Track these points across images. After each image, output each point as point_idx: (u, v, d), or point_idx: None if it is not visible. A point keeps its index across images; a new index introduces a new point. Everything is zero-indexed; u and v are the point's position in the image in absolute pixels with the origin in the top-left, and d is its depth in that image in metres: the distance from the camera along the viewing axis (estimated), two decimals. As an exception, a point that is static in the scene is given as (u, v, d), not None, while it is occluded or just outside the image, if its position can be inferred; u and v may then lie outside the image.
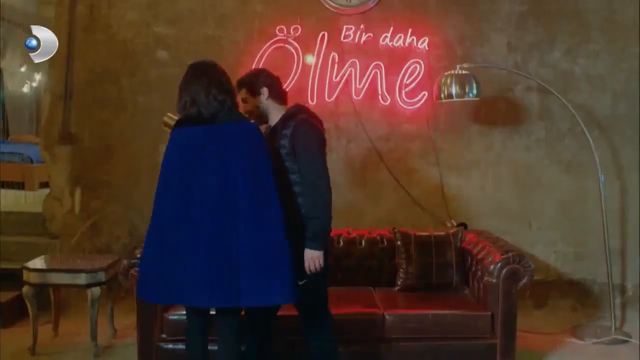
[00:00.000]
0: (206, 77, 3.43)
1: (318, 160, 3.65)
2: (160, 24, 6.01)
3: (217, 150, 3.30)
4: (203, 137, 3.33)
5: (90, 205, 6.04)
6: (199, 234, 3.23)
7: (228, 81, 3.49)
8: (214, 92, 3.38)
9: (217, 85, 3.41)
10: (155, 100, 5.92)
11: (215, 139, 3.32)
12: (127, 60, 6.01)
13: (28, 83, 14.73)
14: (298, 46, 5.85)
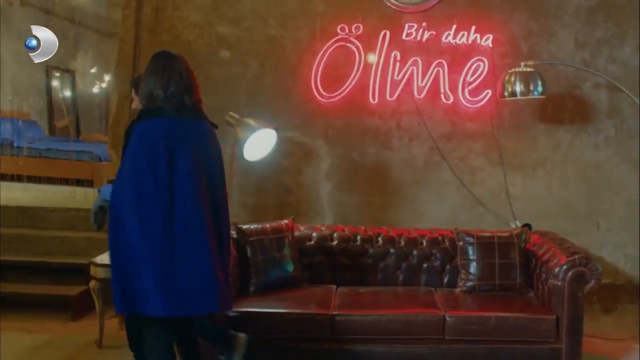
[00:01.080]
0: (166, 73, 3.35)
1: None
2: (223, 24, 6.08)
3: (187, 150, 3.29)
4: (169, 134, 3.27)
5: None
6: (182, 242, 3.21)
7: (189, 77, 3.42)
8: (171, 89, 3.32)
9: (176, 81, 3.35)
10: (218, 100, 5.96)
11: (182, 138, 3.28)
12: (191, 60, 5.89)
13: (98, 84, 15.13)
14: (359, 45, 5.82)
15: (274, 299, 4.45)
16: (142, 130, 3.29)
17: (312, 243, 5.02)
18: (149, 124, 3.29)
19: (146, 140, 3.24)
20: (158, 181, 3.19)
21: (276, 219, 5.22)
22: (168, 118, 3.28)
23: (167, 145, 3.23)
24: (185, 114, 3.32)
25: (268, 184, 6.03)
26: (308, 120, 5.97)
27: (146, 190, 3.19)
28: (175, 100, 3.31)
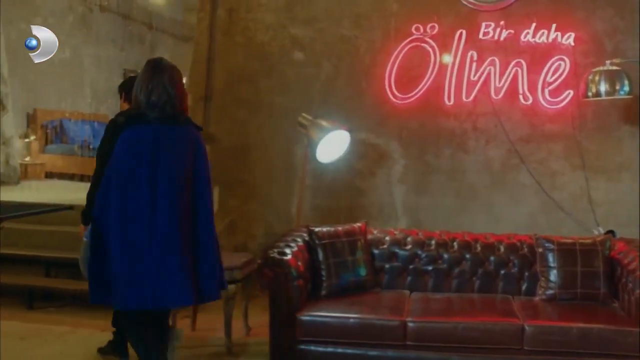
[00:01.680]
0: (151, 82, 3.42)
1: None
2: (296, 25, 6.06)
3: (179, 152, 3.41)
4: (151, 141, 3.37)
5: (228, 204, 6.18)
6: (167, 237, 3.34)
7: (173, 88, 3.44)
8: (153, 98, 3.40)
9: (159, 92, 3.41)
10: (291, 101, 5.98)
11: (163, 144, 3.38)
12: (264, 62, 6.11)
13: (173, 87, 15.45)
14: (435, 45, 5.70)
15: (345, 304, 4.36)
16: (125, 138, 3.40)
17: (385, 247, 4.91)
18: (132, 132, 3.41)
19: (129, 148, 3.38)
20: (140, 187, 3.34)
21: (349, 221, 5.14)
22: (151, 125, 3.40)
23: (149, 152, 3.37)
24: (167, 121, 3.42)
25: (341, 186, 5.97)
26: (382, 121, 5.88)
27: (130, 196, 3.34)
28: (157, 110, 3.41)
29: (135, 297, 3.35)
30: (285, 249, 4.45)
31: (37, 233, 6.37)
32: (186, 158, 3.44)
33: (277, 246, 4.50)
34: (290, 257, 4.35)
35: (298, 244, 4.62)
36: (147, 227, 3.32)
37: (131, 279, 3.32)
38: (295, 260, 4.38)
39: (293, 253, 4.42)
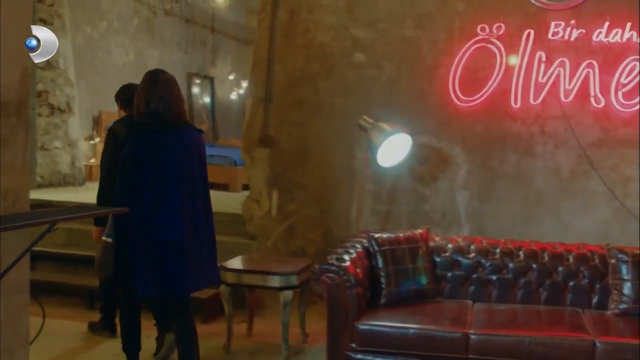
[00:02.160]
0: (149, 92, 3.71)
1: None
2: (357, 26, 5.94)
3: (179, 155, 3.72)
4: (154, 145, 3.69)
5: (287, 208, 6.11)
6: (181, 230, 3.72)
7: (170, 96, 3.72)
8: (152, 106, 3.68)
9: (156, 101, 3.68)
10: (351, 103, 5.87)
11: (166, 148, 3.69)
12: (325, 63, 6.01)
13: (236, 90, 15.52)
14: (501, 45, 5.49)
15: (405, 313, 4.22)
16: (130, 146, 3.74)
17: (447, 254, 4.74)
18: (135, 141, 3.73)
19: (134, 156, 3.70)
20: (147, 192, 3.67)
21: (410, 228, 5.02)
22: (152, 131, 3.71)
23: (152, 158, 3.68)
24: (167, 126, 3.71)
25: (402, 191, 5.83)
26: (445, 125, 5.70)
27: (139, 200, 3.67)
28: (157, 117, 3.69)
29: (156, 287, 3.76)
30: (344, 255, 4.34)
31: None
32: (188, 160, 3.76)
33: (335, 252, 4.39)
34: (348, 264, 4.23)
35: (357, 250, 4.50)
36: (156, 227, 3.67)
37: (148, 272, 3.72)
38: (354, 267, 4.26)
39: (352, 260, 4.31)
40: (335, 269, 4.17)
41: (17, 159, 2.91)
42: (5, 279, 2.84)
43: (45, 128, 8.63)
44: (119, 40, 10.77)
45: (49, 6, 8.56)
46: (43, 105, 8.56)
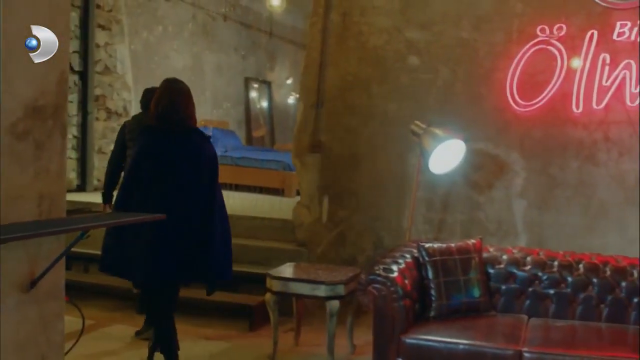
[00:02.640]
0: (161, 97, 4.08)
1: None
2: (412, 29, 5.77)
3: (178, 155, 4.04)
4: (162, 144, 4.04)
5: (337, 215, 5.98)
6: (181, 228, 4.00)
7: (179, 102, 4.08)
8: (160, 110, 4.05)
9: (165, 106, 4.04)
10: (405, 108, 5.71)
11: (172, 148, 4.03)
12: (378, 67, 5.87)
13: (293, 94, 15.49)
14: (562, 47, 5.25)
15: (455, 327, 4.02)
16: (142, 142, 4.12)
17: (502, 266, 4.52)
18: (147, 138, 4.11)
19: (144, 151, 4.07)
20: (152, 184, 4.00)
21: (463, 237, 4.84)
22: (162, 132, 4.07)
23: (160, 154, 4.04)
24: (176, 130, 4.06)
25: (456, 199, 5.63)
26: (502, 130, 5.48)
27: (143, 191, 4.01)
28: (163, 119, 4.06)
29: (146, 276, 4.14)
30: (392, 265, 4.18)
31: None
32: (186, 161, 4.04)
33: (383, 262, 4.23)
34: (396, 275, 4.07)
35: (406, 260, 4.33)
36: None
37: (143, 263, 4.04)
38: (402, 278, 4.10)
39: (400, 270, 4.14)
40: (382, 279, 4.01)
41: (53, 163, 2.85)
42: (40, 285, 2.79)
43: (103, 132, 8.73)
44: (176, 45, 10.85)
45: (107, 12, 8.67)
46: (100, 110, 8.67)
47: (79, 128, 8.30)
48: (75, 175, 8.34)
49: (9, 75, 2.62)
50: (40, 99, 2.78)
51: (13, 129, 2.66)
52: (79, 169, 8.34)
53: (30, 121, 2.73)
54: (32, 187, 2.75)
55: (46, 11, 2.80)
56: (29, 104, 2.73)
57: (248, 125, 13.92)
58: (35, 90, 2.75)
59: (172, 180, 4.02)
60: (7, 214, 2.64)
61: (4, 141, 2.61)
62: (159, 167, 4.02)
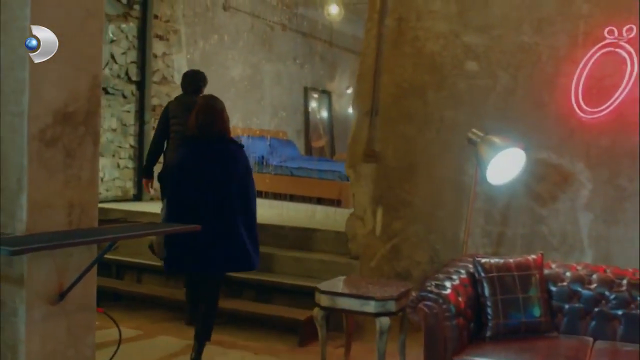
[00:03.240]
0: (198, 111, 4.71)
1: None
2: (470, 33, 5.53)
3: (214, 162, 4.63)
4: (200, 152, 4.66)
5: (392, 227, 5.76)
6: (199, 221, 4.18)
7: (214, 115, 4.68)
8: (199, 122, 4.65)
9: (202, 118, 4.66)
10: (462, 115, 5.46)
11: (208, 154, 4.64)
12: (434, 73, 5.64)
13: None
14: (632, 50, 4.91)
15: (513, 349, 3.76)
16: (184, 150, 4.77)
17: (565, 284, 4.22)
18: (187, 147, 4.76)
19: (185, 157, 4.71)
20: (191, 186, 4.61)
21: (523, 252, 4.56)
22: (200, 141, 4.68)
23: (198, 161, 4.64)
24: (212, 140, 4.67)
25: (516, 211, 5.33)
26: (565, 139, 5.17)
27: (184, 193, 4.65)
28: (203, 130, 4.66)
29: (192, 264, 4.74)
30: (445, 281, 3.94)
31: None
32: (224, 165, 4.62)
33: (436, 278, 4.00)
34: (449, 292, 3.84)
35: (461, 276, 4.09)
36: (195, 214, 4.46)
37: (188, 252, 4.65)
38: (456, 295, 3.86)
39: (453, 287, 3.90)
40: (434, 296, 3.78)
41: (84, 171, 2.76)
42: (69, 297, 2.69)
43: (160, 142, 8.73)
44: (235, 54, 10.84)
45: (165, 22, 8.70)
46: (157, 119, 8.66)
47: (136, 138, 8.32)
48: (132, 184, 8.36)
49: (37, 79, 2.54)
50: (71, 104, 2.69)
51: (42, 136, 2.57)
52: (136, 179, 8.35)
53: (60, 127, 2.65)
54: (61, 196, 2.67)
55: (78, 14, 2.71)
56: (59, 110, 2.65)
57: (307, 135, 13.81)
58: (66, 96, 2.67)
59: (209, 181, 4.59)
60: (35, 223, 2.56)
61: (32, 148, 2.53)
62: (198, 171, 4.61)
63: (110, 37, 7.86)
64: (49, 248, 2.38)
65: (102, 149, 7.85)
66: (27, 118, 2.49)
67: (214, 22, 10.22)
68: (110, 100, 7.94)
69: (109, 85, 7.89)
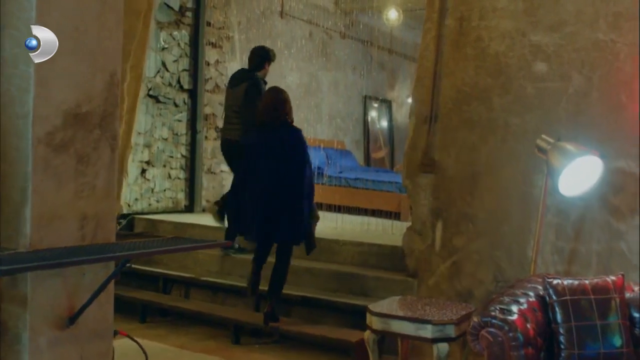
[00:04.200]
0: (263, 98, 5.64)
1: None
2: (539, 31, 5.06)
3: (277, 144, 5.37)
4: (266, 137, 5.43)
5: (452, 242, 5.32)
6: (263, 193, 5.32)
7: (277, 103, 5.46)
8: (264, 108, 5.47)
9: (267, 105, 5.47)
10: (530, 121, 5.01)
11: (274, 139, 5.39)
12: (499, 76, 5.19)
13: (414, 113, 14.90)
14: None
15: (591, 384, 3.29)
16: (253, 134, 5.58)
17: (650, 309, 3.72)
18: (256, 131, 5.56)
19: (254, 142, 5.51)
20: (261, 164, 5.36)
21: (599, 272, 4.09)
22: (265, 127, 5.46)
23: (265, 144, 5.39)
24: (276, 124, 5.42)
25: (591, 226, 4.82)
26: (648, 146, 4.64)
27: (252, 173, 5.41)
28: (268, 116, 5.43)
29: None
30: (512, 305, 3.50)
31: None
32: (288, 147, 5.38)
33: (501, 301, 3.57)
34: (516, 317, 3.40)
35: (529, 299, 3.64)
36: (264, 189, 5.31)
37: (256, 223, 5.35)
38: (524, 321, 3.42)
39: (521, 312, 3.46)
40: (498, 323, 3.35)
41: (99, 179, 2.46)
42: (81, 321, 2.38)
43: (212, 151, 8.51)
44: (292, 62, 10.57)
45: (218, 29, 8.49)
46: (210, 129, 8.46)
47: (187, 147, 8.12)
48: (184, 195, 8.15)
49: (43, 76, 2.26)
50: (84, 104, 2.40)
51: (49, 140, 2.28)
52: (187, 190, 8.13)
53: (72, 131, 2.36)
54: (72, 207, 2.37)
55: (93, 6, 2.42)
56: (70, 111, 2.36)
57: (366, 146, 13.43)
58: (78, 95, 2.38)
59: (274, 161, 5.31)
60: (42, 238, 2.27)
61: (37, 153, 2.24)
62: (264, 152, 5.37)
63: (161, 45, 7.68)
64: (44, 267, 2.07)
65: (153, 159, 7.66)
66: (31, 119, 2.20)
67: (270, 29, 9.96)
68: (162, 108, 7.75)
69: (160, 93, 7.71)
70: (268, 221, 5.25)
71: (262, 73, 6.43)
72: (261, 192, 5.26)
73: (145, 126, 7.55)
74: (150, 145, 7.62)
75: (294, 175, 5.31)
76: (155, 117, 7.68)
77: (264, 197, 5.24)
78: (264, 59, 6.45)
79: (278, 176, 5.26)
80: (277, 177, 5.26)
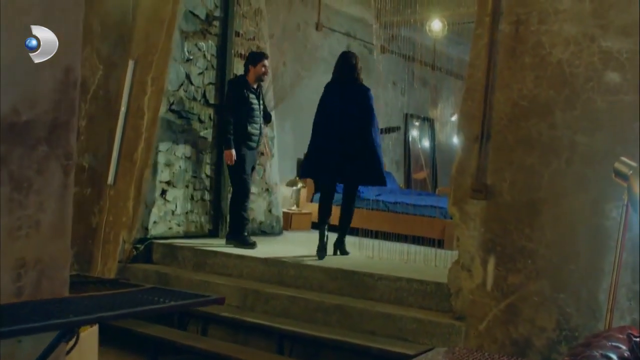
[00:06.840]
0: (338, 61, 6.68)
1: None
2: (610, 36, 4.35)
3: (347, 99, 6.42)
4: (339, 92, 6.49)
5: (507, 281, 4.58)
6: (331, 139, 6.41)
7: (350, 64, 6.54)
8: (339, 68, 6.64)
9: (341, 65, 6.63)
10: (601, 140, 4.28)
11: (345, 94, 6.44)
12: (563, 88, 4.48)
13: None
14: None
15: None
16: (327, 88, 6.63)
17: None
18: (330, 87, 6.61)
19: (328, 94, 6.57)
20: (332, 117, 6.38)
21: (695, 327, 3.27)
22: (339, 83, 6.56)
23: (338, 98, 6.43)
24: (348, 81, 6.50)
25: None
26: None
27: (324, 122, 6.46)
28: (341, 74, 6.56)
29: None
30: (590, 371, 2.75)
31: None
32: (358, 101, 6.39)
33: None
34: (600, 391, 2.65)
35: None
36: (338, 136, 6.29)
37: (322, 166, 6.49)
38: (610, 395, 2.66)
39: (605, 383, 2.71)
40: (576, 398, 2.61)
41: (45, 213, 1.83)
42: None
43: (240, 171, 7.87)
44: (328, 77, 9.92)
45: (248, 40, 7.90)
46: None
47: (212, 167, 7.49)
48: (208, 219, 7.52)
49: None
50: (24, 111, 1.76)
51: (-31, 158, 1.66)
52: (212, 212, 7.51)
53: (5, 147, 1.72)
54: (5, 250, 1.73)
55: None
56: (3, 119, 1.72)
57: (407, 167, 12.72)
58: (14, 98, 1.74)
59: (345, 113, 6.28)
60: (-43, 294, 1.63)
61: (-50, 177, 1.62)
62: (337, 105, 6.34)
63: (186, 56, 7.11)
64: None
65: (174, 179, 7.07)
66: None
67: (305, 42, 9.34)
68: (185, 125, 7.16)
69: (183, 108, 7.12)
70: (346, 161, 6.21)
71: (250, 77, 6.87)
72: (341, 135, 6.19)
73: (167, 143, 6.97)
74: (172, 164, 7.03)
75: (368, 121, 6.31)
76: (177, 133, 7.09)
77: (344, 139, 6.18)
78: (248, 62, 6.96)
79: (354, 121, 6.23)
80: (354, 121, 6.23)
